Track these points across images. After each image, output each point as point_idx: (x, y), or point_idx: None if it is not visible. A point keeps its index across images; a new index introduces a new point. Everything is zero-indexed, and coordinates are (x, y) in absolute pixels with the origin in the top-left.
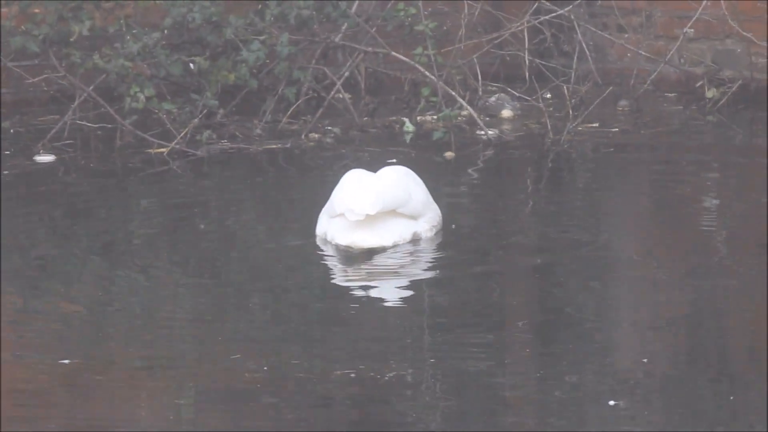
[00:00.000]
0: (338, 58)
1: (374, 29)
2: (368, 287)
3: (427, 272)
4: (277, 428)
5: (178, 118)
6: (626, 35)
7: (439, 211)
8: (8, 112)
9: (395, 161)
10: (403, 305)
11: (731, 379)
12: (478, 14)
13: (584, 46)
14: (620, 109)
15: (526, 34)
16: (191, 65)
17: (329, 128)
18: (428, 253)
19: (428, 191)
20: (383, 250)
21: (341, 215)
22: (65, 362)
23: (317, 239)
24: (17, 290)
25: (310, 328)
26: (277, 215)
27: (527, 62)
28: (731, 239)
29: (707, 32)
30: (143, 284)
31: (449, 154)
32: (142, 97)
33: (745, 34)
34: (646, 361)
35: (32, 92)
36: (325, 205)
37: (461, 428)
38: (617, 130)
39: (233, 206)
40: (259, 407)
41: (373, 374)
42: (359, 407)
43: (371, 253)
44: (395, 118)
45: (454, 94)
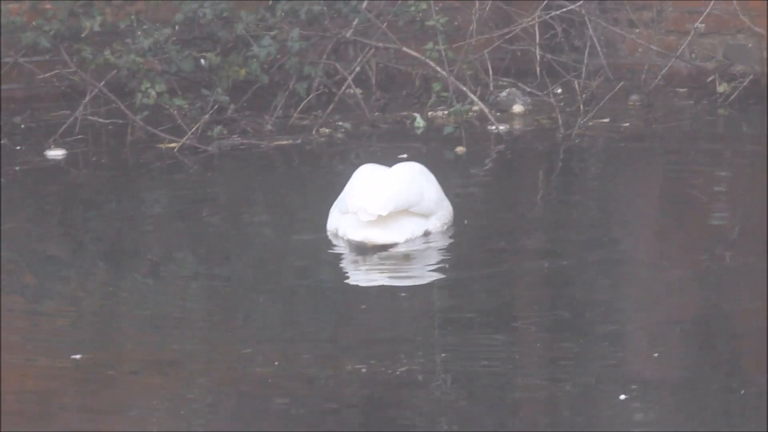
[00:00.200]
0: (349, 53)
1: (385, 24)
2: (379, 283)
3: (438, 268)
4: (287, 424)
5: (188, 113)
6: (637, 30)
7: (450, 207)
8: (19, 107)
9: (406, 156)
10: (413, 302)
11: (743, 375)
12: (489, 9)
13: (595, 41)
14: (631, 104)
15: (537, 29)
16: (202, 61)
17: (340, 123)
18: (439, 249)
19: (440, 187)
20: (395, 246)
21: (354, 214)
22: (76, 357)
23: (328, 234)
24: (27, 285)
25: (320, 323)
26: (287, 210)
27: (538, 57)
28: (742, 234)
29: (718, 27)
30: (153, 279)
31: (460, 149)
32: (153, 92)
33: (756, 29)
34: (656, 355)
35: (43, 88)
36: (336, 200)
37: (472, 425)
38: (628, 125)
39: (244, 201)
40: (269, 402)
41: (383, 370)
42: (370, 403)
43: (383, 249)
44: (406, 113)
45: (465, 89)
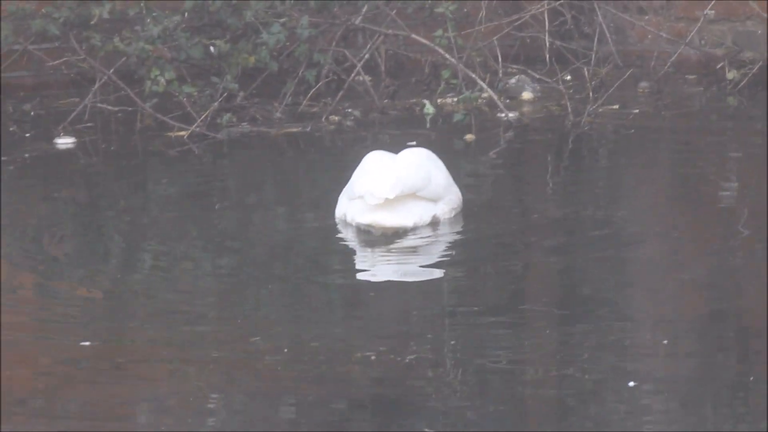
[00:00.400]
0: (358, 40)
1: (394, 11)
2: (387, 271)
3: (446, 258)
4: (297, 410)
5: (198, 101)
6: (647, 17)
7: (459, 193)
8: (29, 95)
9: (415, 144)
10: (422, 287)
11: (752, 360)
12: None
13: (605, 27)
14: (641, 90)
15: (546, 15)
16: (211, 48)
17: (349, 111)
18: (448, 235)
19: (448, 173)
20: (403, 231)
21: (361, 197)
22: (86, 344)
23: (337, 221)
24: (37, 272)
25: (329, 310)
26: (297, 198)
27: (548, 44)
28: (750, 219)
29: (728, 14)
30: (162, 266)
31: (469, 136)
32: (162, 80)
33: (765, 15)
34: (666, 342)
35: (52, 75)
36: (345, 187)
37: (481, 410)
38: (638, 112)
39: (253, 189)
40: (279, 389)
41: (393, 357)
42: (379, 390)
43: (391, 235)
44: (415, 100)
45: (474, 76)
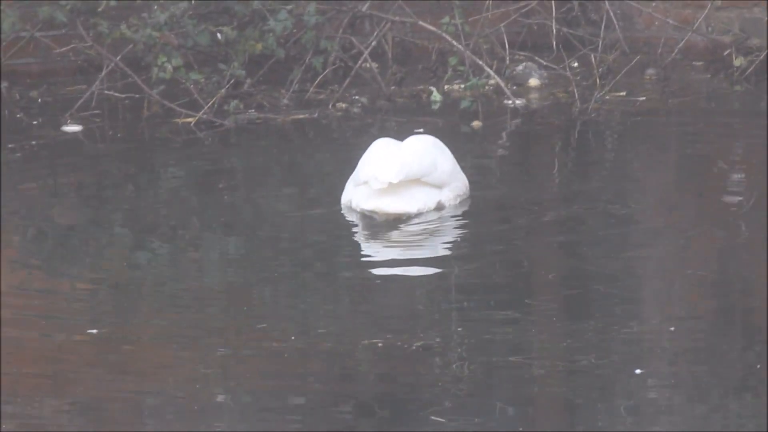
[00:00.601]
0: (365, 27)
1: None
2: (393, 256)
3: (452, 243)
4: (303, 398)
5: (205, 88)
6: (654, 3)
7: (466, 180)
8: (36, 82)
9: (422, 131)
10: (428, 275)
11: (758, 348)
12: None
13: (612, 14)
14: (648, 77)
15: (553, 2)
16: (218, 35)
17: (356, 98)
18: (454, 223)
19: (455, 161)
20: (407, 217)
21: (365, 183)
22: (93, 332)
23: (342, 208)
24: (44, 259)
25: (336, 297)
26: (303, 184)
27: (555, 31)
28: (758, 207)
29: (735, 0)
30: (170, 253)
31: (476, 123)
32: (169, 67)
33: None
34: (673, 329)
35: (60, 62)
36: (351, 174)
37: (487, 399)
38: (644, 98)
39: (260, 176)
40: (285, 377)
41: (400, 344)
42: (386, 375)
43: (395, 221)
44: (422, 87)
45: (481, 63)
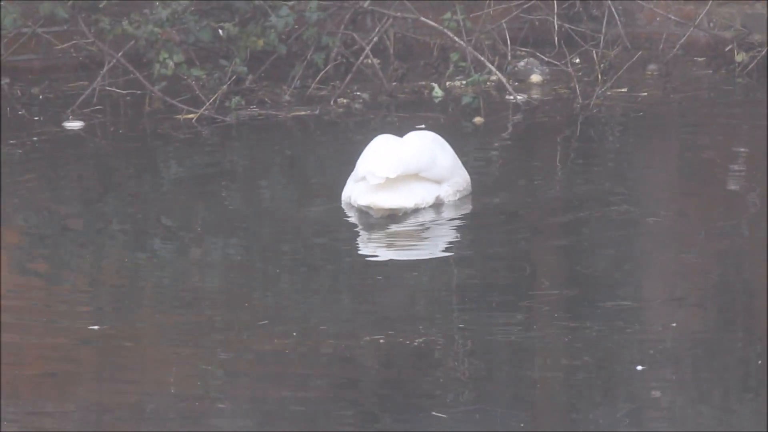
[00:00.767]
0: (367, 23)
1: None
2: (392, 252)
3: (453, 241)
4: (305, 393)
5: (206, 84)
6: None
7: (467, 175)
8: (37, 78)
9: (424, 126)
10: (428, 271)
11: (760, 344)
12: None
13: (613, 10)
14: (649, 73)
15: None
16: (220, 31)
17: (358, 94)
18: (455, 221)
19: (456, 156)
20: (405, 213)
21: (363, 178)
22: (94, 328)
23: (342, 204)
24: (46, 256)
25: (337, 294)
26: (305, 181)
27: (556, 27)
28: (761, 203)
29: None
30: (171, 250)
31: (478, 119)
32: (171, 63)
33: None
34: (675, 325)
35: (61, 58)
36: (352, 170)
37: (488, 394)
38: (646, 94)
39: (261, 172)
40: (287, 373)
41: (401, 341)
42: (388, 372)
43: (394, 216)
44: (424, 83)
45: (483, 59)
